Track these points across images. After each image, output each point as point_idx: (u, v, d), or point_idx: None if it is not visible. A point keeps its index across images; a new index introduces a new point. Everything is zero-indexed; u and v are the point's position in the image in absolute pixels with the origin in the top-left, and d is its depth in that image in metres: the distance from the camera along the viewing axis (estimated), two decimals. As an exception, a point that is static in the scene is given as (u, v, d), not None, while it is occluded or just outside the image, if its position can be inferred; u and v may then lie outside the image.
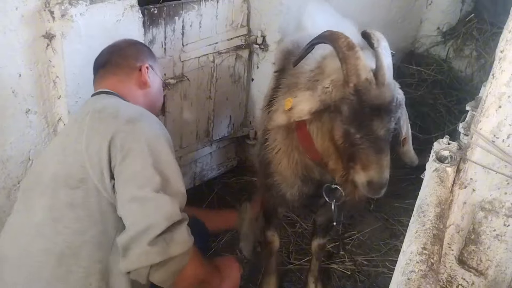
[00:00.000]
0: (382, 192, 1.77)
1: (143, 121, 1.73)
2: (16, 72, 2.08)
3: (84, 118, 1.76)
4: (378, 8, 4.04)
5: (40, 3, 2.03)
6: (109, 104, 1.83)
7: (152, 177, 1.63)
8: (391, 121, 1.78)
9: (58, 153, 1.78)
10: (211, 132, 3.22)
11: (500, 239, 1.40)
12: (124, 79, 1.98)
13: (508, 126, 1.30)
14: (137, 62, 2.02)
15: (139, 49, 2.09)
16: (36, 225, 1.71)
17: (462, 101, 4.19)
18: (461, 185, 1.41)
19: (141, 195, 1.61)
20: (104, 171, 1.66)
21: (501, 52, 1.26)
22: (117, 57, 2.02)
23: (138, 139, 1.68)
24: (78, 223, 1.67)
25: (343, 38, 1.77)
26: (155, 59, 2.14)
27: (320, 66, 1.96)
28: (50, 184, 1.73)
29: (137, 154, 1.65)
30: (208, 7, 2.82)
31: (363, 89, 1.72)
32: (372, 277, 2.92)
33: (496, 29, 4.29)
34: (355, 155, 1.76)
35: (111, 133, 1.67)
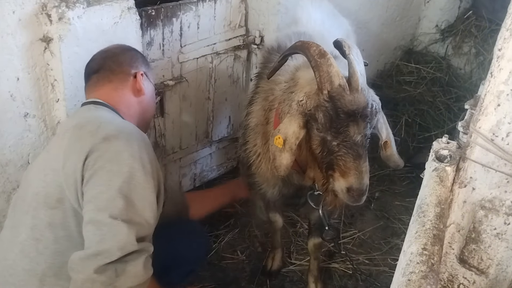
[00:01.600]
0: (362, 200, 1.78)
1: (121, 138, 1.66)
2: (14, 75, 2.07)
3: (64, 135, 1.74)
4: (376, 6, 4.03)
5: (37, 6, 2.03)
6: (92, 119, 1.77)
7: (114, 201, 1.56)
8: (367, 127, 1.79)
9: (40, 170, 1.75)
10: (211, 133, 3.21)
11: (501, 238, 1.40)
12: (118, 86, 1.95)
13: (507, 124, 1.30)
14: (131, 69, 1.98)
15: (133, 56, 2.05)
16: (20, 244, 1.69)
17: (461, 98, 4.19)
18: (461, 184, 1.41)
19: (98, 219, 1.55)
20: (78, 192, 1.61)
21: (499, 50, 1.26)
22: (111, 63, 1.97)
23: (110, 158, 1.61)
24: (57, 243, 1.65)
25: (315, 46, 1.79)
26: (148, 66, 2.11)
27: (293, 78, 1.99)
28: (32, 203, 1.71)
29: (105, 174, 1.59)
30: (206, 8, 2.81)
31: (337, 95, 1.74)
32: (374, 276, 2.92)
33: (494, 26, 4.28)
34: (333, 163, 1.78)
35: (86, 151, 1.62)
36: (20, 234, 1.71)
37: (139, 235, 1.58)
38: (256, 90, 2.25)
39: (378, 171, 3.64)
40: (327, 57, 1.76)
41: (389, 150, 1.97)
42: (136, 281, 1.55)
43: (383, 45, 4.38)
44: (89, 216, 1.57)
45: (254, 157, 2.20)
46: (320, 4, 2.86)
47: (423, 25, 4.67)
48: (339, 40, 1.92)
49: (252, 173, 2.25)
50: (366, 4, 3.90)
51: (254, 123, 2.20)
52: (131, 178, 1.60)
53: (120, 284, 1.52)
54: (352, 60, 1.81)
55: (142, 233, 1.60)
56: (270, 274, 2.87)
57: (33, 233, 1.67)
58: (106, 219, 1.54)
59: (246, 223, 3.20)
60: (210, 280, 2.79)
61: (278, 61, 1.99)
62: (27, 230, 1.69)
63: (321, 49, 1.78)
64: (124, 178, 1.59)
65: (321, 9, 2.81)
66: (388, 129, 1.97)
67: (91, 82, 1.98)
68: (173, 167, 3.07)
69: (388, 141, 1.96)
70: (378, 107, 1.84)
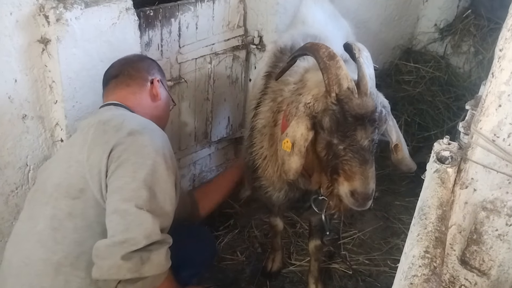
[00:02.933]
0: (368, 204, 1.76)
1: (145, 134, 1.73)
2: (12, 77, 2.06)
3: (89, 129, 1.78)
4: (375, 6, 4.03)
5: (35, 7, 2.02)
6: (115, 116, 1.83)
7: (139, 191, 1.61)
8: (375, 132, 1.77)
9: (62, 163, 1.79)
10: (210, 133, 3.20)
11: (503, 239, 1.39)
12: (136, 90, 2.02)
13: (508, 125, 1.29)
14: (149, 75, 2.08)
15: (150, 64, 2.15)
16: (37, 233, 1.71)
17: (460, 97, 4.18)
18: (462, 185, 1.40)
19: (123, 208, 1.59)
20: (102, 182, 1.66)
21: (500, 50, 1.25)
22: (130, 69, 2.05)
23: (135, 151, 1.67)
24: (76, 233, 1.67)
25: (324, 48, 1.78)
26: (163, 75, 2.19)
27: (302, 80, 1.97)
28: (53, 194, 1.74)
29: (130, 166, 1.64)
30: (204, 8, 2.80)
31: (345, 98, 1.72)
32: (374, 276, 2.91)
33: (493, 25, 4.27)
34: (338, 167, 1.76)
35: (111, 145, 1.67)
36: (38, 224, 1.73)
37: (162, 226, 1.64)
38: (265, 90, 2.22)
39: (378, 170, 3.61)
40: (336, 59, 1.74)
41: (400, 154, 1.94)
42: (159, 269, 1.61)
43: (382, 45, 4.37)
44: (114, 206, 1.61)
45: (260, 160, 2.17)
46: (323, 5, 2.85)
47: (422, 24, 4.66)
48: (349, 43, 1.90)
49: (258, 176, 2.22)
50: (365, 3, 3.89)
51: (261, 124, 2.17)
52: (155, 171, 1.66)
53: (145, 271, 1.57)
54: (361, 63, 1.79)
55: (164, 225, 1.66)
56: (270, 275, 2.87)
57: (52, 223, 1.70)
58: (132, 208, 1.58)
59: (246, 224, 3.19)
60: (210, 281, 2.79)
61: (287, 62, 1.97)
62: (46, 220, 1.71)
63: (330, 51, 1.76)
64: (148, 171, 1.64)
65: (323, 10, 2.81)
66: (398, 132, 1.94)
67: (109, 86, 2.05)
68: (172, 168, 3.06)
69: (399, 144, 1.93)
70: (388, 112, 1.82)
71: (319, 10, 2.77)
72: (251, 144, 2.22)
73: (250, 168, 2.26)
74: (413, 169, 2.01)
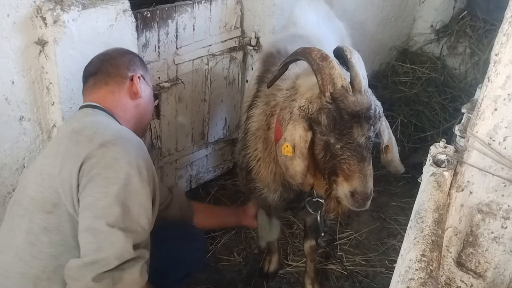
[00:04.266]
0: (367, 205, 1.76)
1: (118, 144, 1.66)
2: (9, 79, 2.06)
3: (62, 140, 1.73)
4: (371, 7, 4.04)
5: (32, 9, 2.01)
6: (89, 124, 1.77)
7: (111, 208, 1.56)
8: (371, 129, 1.78)
9: (37, 174, 1.74)
10: (207, 134, 3.21)
11: (498, 241, 1.41)
12: (114, 89, 1.93)
13: (504, 129, 1.30)
14: (128, 72, 1.97)
15: (131, 59, 2.03)
16: (15, 247, 1.69)
17: (456, 98, 4.20)
18: (458, 188, 1.41)
19: (94, 227, 1.55)
20: (74, 197, 1.61)
21: (496, 55, 1.26)
22: (108, 66, 1.96)
23: (107, 165, 1.61)
24: (52, 247, 1.65)
25: (316, 51, 1.79)
26: (146, 69, 2.09)
27: (294, 86, 1.98)
28: (29, 207, 1.71)
29: (101, 181, 1.59)
30: (201, 10, 2.80)
31: (340, 96, 1.73)
32: (370, 277, 2.92)
33: (489, 26, 4.30)
34: (336, 167, 1.76)
35: (82, 157, 1.61)
36: (15, 238, 1.70)
37: (135, 242, 1.59)
38: (257, 94, 2.22)
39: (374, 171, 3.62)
40: (329, 60, 1.76)
41: (390, 155, 1.96)
42: (133, 287, 1.57)
43: (378, 46, 4.38)
44: (85, 224, 1.57)
45: (254, 162, 2.17)
46: (317, 7, 2.85)
47: (418, 26, 4.68)
48: (339, 47, 1.91)
49: (253, 178, 2.22)
50: (362, 5, 3.90)
51: (254, 127, 2.17)
52: (128, 185, 1.60)
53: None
54: (354, 63, 1.80)
55: (138, 240, 1.61)
56: (267, 276, 2.87)
57: (29, 237, 1.67)
58: (103, 227, 1.54)
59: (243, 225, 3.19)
60: (207, 282, 2.79)
61: (279, 69, 1.97)
62: (23, 234, 1.69)
63: (322, 53, 1.78)
64: (120, 185, 1.58)
65: (317, 12, 2.80)
66: (390, 134, 1.96)
67: (88, 84, 1.97)
68: (169, 169, 3.06)
69: (389, 146, 1.94)
70: (381, 112, 1.84)
71: (313, 11, 2.77)
72: (245, 146, 2.23)
73: (244, 170, 2.26)
74: (400, 172, 2.03)
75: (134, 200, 1.61)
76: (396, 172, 2.04)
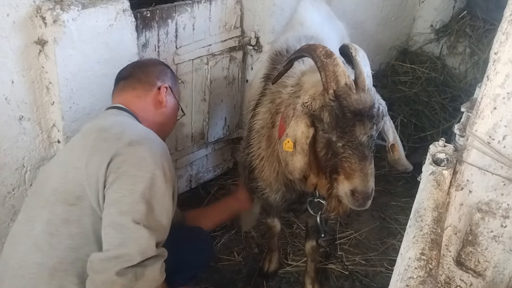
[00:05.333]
0: (367, 204, 1.76)
1: (144, 144, 1.72)
2: (9, 79, 2.06)
3: (90, 135, 1.77)
4: (371, 7, 4.04)
5: (32, 9, 2.02)
6: (116, 124, 1.82)
7: (137, 205, 1.60)
8: (373, 128, 1.77)
9: (61, 167, 1.78)
10: (207, 134, 3.21)
11: (498, 240, 1.41)
12: (141, 94, 2.00)
13: (503, 128, 1.30)
14: (157, 81, 2.04)
15: (162, 70, 2.11)
16: (33, 237, 1.71)
17: (456, 98, 4.20)
18: (458, 186, 1.41)
19: (120, 222, 1.58)
20: (99, 192, 1.65)
21: (495, 54, 1.26)
22: (140, 72, 2.05)
23: (134, 163, 1.66)
24: (71, 239, 1.67)
25: (321, 47, 1.79)
26: (176, 83, 2.17)
27: (299, 83, 1.98)
28: (50, 198, 1.73)
29: (128, 178, 1.63)
30: (201, 9, 2.80)
31: (343, 94, 1.73)
32: (370, 276, 2.92)
33: (488, 26, 4.30)
34: (337, 165, 1.76)
35: (111, 154, 1.66)
36: (34, 228, 1.72)
37: (158, 240, 1.63)
38: (263, 92, 2.23)
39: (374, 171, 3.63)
40: (333, 57, 1.75)
41: (397, 154, 1.96)
42: (153, 284, 1.61)
43: (378, 45, 4.38)
44: (110, 219, 1.60)
45: (257, 160, 2.17)
46: (319, 7, 2.86)
47: (418, 25, 4.68)
48: (345, 44, 1.91)
49: (255, 177, 2.22)
50: (361, 5, 3.90)
51: (259, 125, 2.17)
52: (153, 184, 1.65)
53: (139, 287, 1.56)
54: (358, 61, 1.80)
55: (160, 239, 1.65)
56: (267, 275, 2.87)
57: (48, 228, 1.69)
58: (129, 223, 1.58)
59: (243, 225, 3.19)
60: (207, 282, 2.79)
61: (284, 65, 1.98)
62: (42, 224, 1.71)
63: (327, 49, 1.78)
64: (146, 184, 1.63)
65: (320, 12, 2.81)
66: (395, 133, 1.96)
67: (118, 87, 2.05)
68: (169, 168, 3.06)
69: (395, 144, 1.94)
70: (385, 111, 1.83)
71: (316, 12, 2.78)
72: (249, 145, 2.22)
73: (247, 168, 2.26)
74: (409, 169, 2.02)
75: (158, 199, 1.66)
76: (405, 170, 2.03)
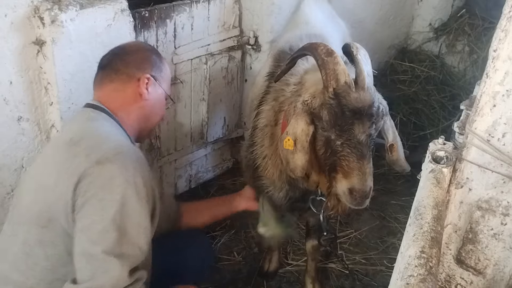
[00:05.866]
0: (365, 203, 1.75)
1: (115, 162, 1.59)
2: (7, 79, 2.06)
3: (60, 148, 1.69)
4: (370, 5, 4.03)
5: (30, 9, 2.01)
6: (88, 134, 1.71)
7: (107, 234, 1.52)
8: (372, 126, 1.77)
9: (33, 183, 1.71)
10: (206, 134, 3.20)
11: (498, 238, 1.40)
12: (119, 87, 1.84)
13: (503, 125, 1.30)
14: (138, 71, 1.85)
15: (145, 57, 1.90)
16: (13, 254, 1.68)
17: (455, 96, 4.20)
18: (458, 184, 1.41)
19: (90, 252, 1.51)
20: (69, 216, 1.57)
21: (494, 51, 1.26)
22: (118, 62, 1.87)
23: (103, 185, 1.55)
24: (48, 261, 1.64)
25: (322, 46, 1.79)
26: (161, 69, 1.94)
27: (301, 81, 1.98)
28: (25, 216, 1.68)
29: (98, 203, 1.54)
30: (200, 9, 2.80)
31: (342, 92, 1.73)
32: (370, 275, 2.92)
33: (487, 24, 4.29)
34: (336, 163, 1.76)
35: (78, 175, 1.56)
36: (14, 244, 1.69)
37: (132, 266, 1.55)
38: (267, 90, 2.22)
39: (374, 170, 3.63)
40: (334, 55, 1.76)
41: (395, 154, 1.95)
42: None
43: (377, 44, 4.38)
44: (81, 247, 1.53)
45: (260, 159, 2.16)
46: (322, 5, 2.86)
47: (417, 24, 4.67)
48: (347, 43, 1.91)
49: (259, 175, 2.21)
50: (360, 3, 3.90)
51: (263, 123, 2.17)
52: (124, 205, 1.55)
53: None
54: (359, 60, 1.80)
55: (135, 263, 1.56)
56: (267, 275, 2.87)
57: (24, 248, 1.66)
58: (99, 254, 1.50)
59: (243, 224, 3.19)
60: (207, 281, 2.78)
61: (286, 64, 1.98)
62: (19, 243, 1.67)
63: (328, 48, 1.78)
64: (117, 207, 1.53)
65: (323, 11, 2.81)
66: (395, 133, 1.95)
67: (96, 78, 1.90)
68: (168, 168, 3.06)
69: (394, 145, 1.94)
70: (385, 110, 1.83)
71: (319, 10, 2.78)
72: (252, 143, 2.22)
73: (251, 167, 2.26)
74: (406, 170, 2.02)
75: (132, 220, 1.56)
76: (402, 171, 2.02)
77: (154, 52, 2.00)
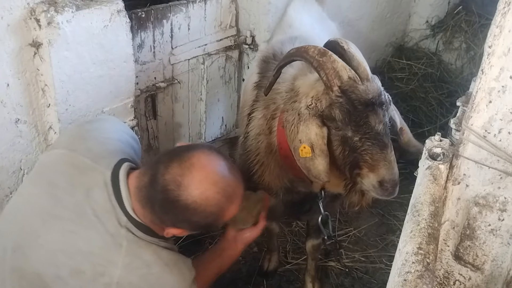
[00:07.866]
0: (396, 191, 1.73)
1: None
2: (4, 81, 2.05)
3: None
4: (366, 3, 4.04)
5: (26, 11, 2.01)
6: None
7: None
8: (386, 114, 1.76)
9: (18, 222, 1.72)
10: (204, 134, 3.20)
11: (495, 234, 1.41)
12: (155, 221, 1.65)
13: (499, 121, 1.30)
14: (170, 226, 1.67)
15: (188, 216, 1.60)
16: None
17: (453, 93, 4.21)
18: (455, 181, 1.41)
19: None
20: None
21: (489, 47, 1.26)
22: (160, 206, 1.61)
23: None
24: None
25: (312, 48, 1.77)
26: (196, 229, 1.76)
27: (293, 88, 1.93)
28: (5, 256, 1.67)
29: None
30: (196, 9, 2.80)
31: (349, 87, 1.71)
32: (370, 273, 2.93)
33: (484, 21, 4.31)
34: (358, 160, 1.72)
35: None
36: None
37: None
38: (256, 98, 2.19)
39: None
40: (328, 54, 1.73)
41: (406, 136, 1.94)
42: None
43: (374, 42, 4.39)
44: None
45: (257, 166, 2.13)
46: (310, 8, 2.85)
47: (414, 21, 4.68)
48: (332, 40, 1.88)
49: (255, 181, 2.18)
50: (356, 2, 3.90)
51: (255, 132, 2.14)
52: None
53: None
54: (353, 53, 1.79)
55: None
56: (267, 274, 2.88)
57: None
58: None
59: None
60: (207, 281, 2.79)
61: (273, 74, 1.94)
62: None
63: (320, 48, 1.76)
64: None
65: (311, 13, 2.80)
66: (400, 116, 1.95)
67: (139, 192, 1.66)
68: (167, 169, 3.06)
69: (403, 127, 1.93)
70: (389, 96, 1.82)
71: (306, 13, 2.77)
72: (246, 151, 2.19)
73: (245, 174, 2.24)
74: (421, 150, 1.99)
75: None
76: (418, 151, 1.93)
77: (209, 214, 1.64)
